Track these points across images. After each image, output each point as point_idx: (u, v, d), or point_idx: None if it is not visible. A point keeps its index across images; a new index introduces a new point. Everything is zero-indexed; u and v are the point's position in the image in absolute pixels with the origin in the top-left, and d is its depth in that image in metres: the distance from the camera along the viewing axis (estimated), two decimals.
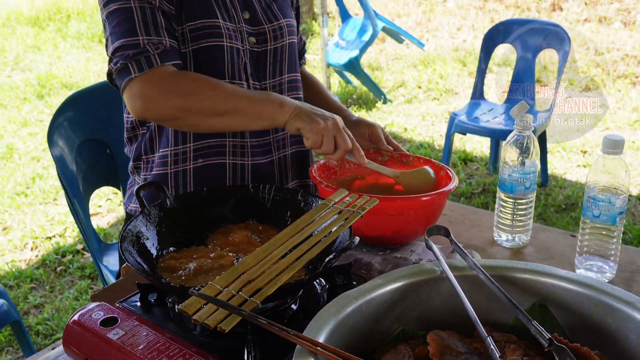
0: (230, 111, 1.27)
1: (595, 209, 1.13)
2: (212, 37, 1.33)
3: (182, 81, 1.26)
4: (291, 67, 1.49)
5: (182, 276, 0.96)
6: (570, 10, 7.05)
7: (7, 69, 6.92)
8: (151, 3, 1.27)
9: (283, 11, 1.47)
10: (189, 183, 1.38)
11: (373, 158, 1.40)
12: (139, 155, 1.45)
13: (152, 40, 1.25)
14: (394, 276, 0.85)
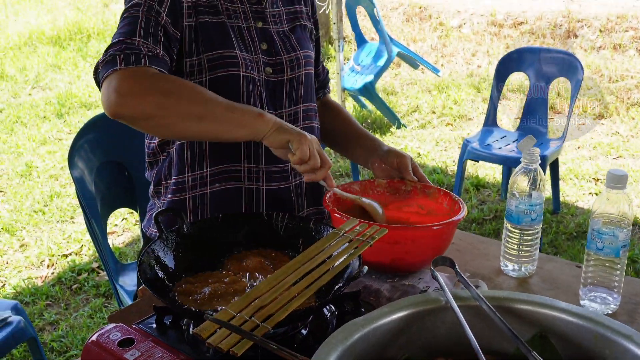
0: (207, 115, 1.26)
1: (599, 241, 1.16)
2: (229, 67, 1.37)
3: (162, 80, 1.26)
4: (306, 97, 1.53)
5: (198, 300, 1.00)
6: (585, 38, 7.08)
7: (27, 87, 7.05)
8: (158, 19, 1.31)
9: (301, 43, 1.52)
10: (206, 207, 1.42)
11: (397, 187, 1.46)
12: (159, 180, 1.50)
13: (147, 44, 1.27)
14: (400, 305, 0.88)
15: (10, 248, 3.50)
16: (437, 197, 1.43)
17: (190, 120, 1.26)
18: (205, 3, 1.39)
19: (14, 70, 7.56)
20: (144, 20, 1.29)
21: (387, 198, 1.46)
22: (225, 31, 1.39)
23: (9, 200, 4.08)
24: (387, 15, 7.97)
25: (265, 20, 1.47)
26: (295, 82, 1.49)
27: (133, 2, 1.32)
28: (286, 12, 1.54)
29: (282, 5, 1.54)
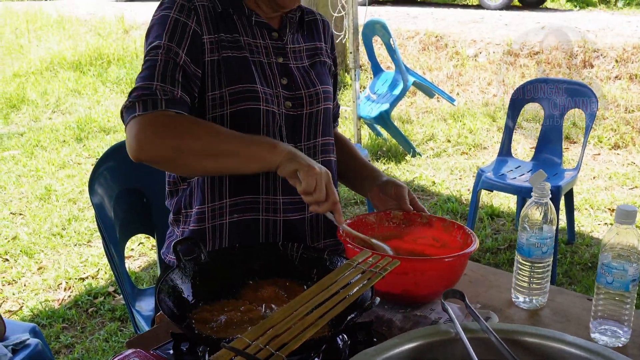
0: (223, 153, 1.31)
1: (609, 275, 1.18)
2: (250, 101, 1.42)
3: (178, 123, 1.31)
4: (325, 131, 1.57)
5: (214, 328, 1.03)
6: (601, 68, 7.09)
7: (48, 112, 7.18)
8: (176, 61, 1.36)
9: (321, 78, 1.57)
10: (225, 237, 1.46)
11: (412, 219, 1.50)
12: (178, 209, 1.54)
13: (164, 88, 1.33)
14: (411, 336, 0.91)
15: (29, 270, 3.55)
16: (451, 231, 1.45)
17: (206, 158, 1.31)
18: (229, 38, 1.44)
19: (35, 94, 7.71)
20: (163, 64, 1.35)
21: (403, 230, 1.49)
22: (247, 66, 1.44)
23: (28, 223, 4.15)
24: (404, 44, 8.04)
25: (286, 55, 1.52)
26: (314, 117, 1.54)
27: (153, 45, 1.38)
28: (306, 48, 1.59)
29: (303, 42, 1.59)
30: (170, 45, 1.37)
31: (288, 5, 1.50)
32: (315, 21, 1.66)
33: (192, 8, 1.41)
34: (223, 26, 1.45)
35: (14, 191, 4.76)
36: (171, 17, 1.39)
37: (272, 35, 1.52)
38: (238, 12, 1.48)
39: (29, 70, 8.67)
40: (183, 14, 1.40)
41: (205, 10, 1.43)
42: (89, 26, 10.98)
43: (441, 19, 9.19)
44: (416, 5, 11.91)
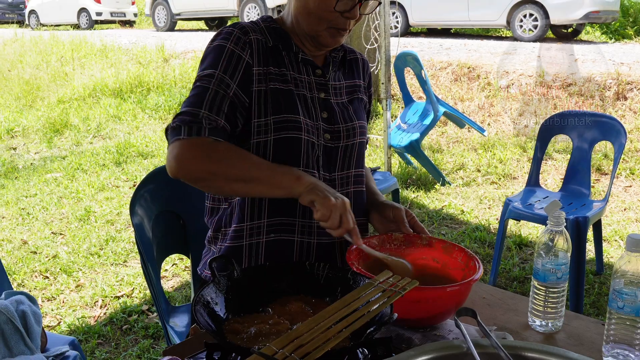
0: (252, 179, 1.45)
1: (620, 301, 1.24)
2: (292, 130, 1.52)
3: (216, 149, 1.44)
4: (358, 163, 1.68)
5: (244, 338, 1.12)
6: (635, 100, 7.08)
7: (89, 136, 7.43)
8: (226, 92, 1.48)
9: (357, 114, 1.68)
10: (260, 255, 1.56)
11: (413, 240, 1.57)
12: (219, 227, 1.64)
13: (210, 116, 1.45)
14: (425, 349, 0.98)
15: (67, 288, 3.69)
16: (451, 252, 1.52)
17: (237, 182, 1.45)
18: (277, 72, 1.56)
19: (77, 120, 7.98)
20: (212, 93, 1.47)
21: (404, 251, 1.56)
22: (292, 98, 1.55)
23: (67, 243, 4.31)
24: (436, 74, 8.14)
25: (327, 91, 1.63)
26: (349, 149, 1.64)
27: (207, 73, 1.50)
28: (346, 85, 1.70)
29: (344, 79, 1.71)
30: (223, 76, 1.49)
31: (330, 45, 1.61)
32: (356, 60, 1.78)
33: (247, 41, 1.53)
34: (272, 60, 1.56)
35: (55, 212, 4.94)
36: (227, 48, 1.51)
37: (315, 72, 1.63)
38: (287, 48, 1.60)
39: (73, 96, 8.99)
40: (238, 46, 1.52)
41: (259, 44, 1.55)
42: (130, 55, 11.32)
43: (474, 50, 9.27)
44: (450, 36, 12.03)
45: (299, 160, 1.54)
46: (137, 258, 4.08)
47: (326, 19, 1.54)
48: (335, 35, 1.58)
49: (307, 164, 1.56)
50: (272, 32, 1.61)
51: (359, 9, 1.55)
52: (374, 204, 1.72)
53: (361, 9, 1.56)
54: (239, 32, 1.54)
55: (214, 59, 1.51)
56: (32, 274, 3.84)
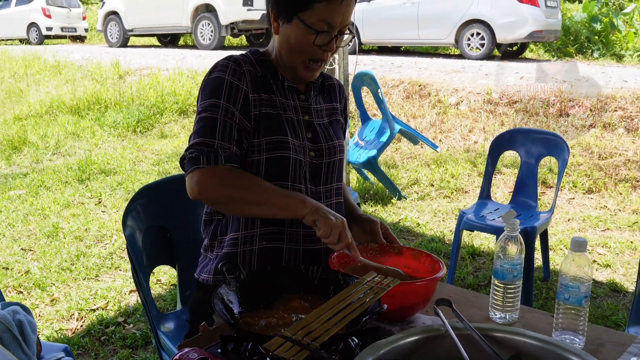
0: (265, 202, 1.65)
1: (566, 293, 1.48)
2: (282, 150, 1.73)
3: (234, 177, 1.66)
4: (339, 178, 1.90)
5: (256, 329, 1.32)
6: (577, 116, 7.51)
7: (48, 153, 7.45)
8: (233, 120, 1.69)
9: (337, 133, 1.91)
10: (254, 261, 1.76)
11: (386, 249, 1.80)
12: (214, 236, 1.84)
13: (223, 145, 1.66)
14: (412, 332, 1.20)
15: (42, 302, 3.78)
16: (420, 258, 1.76)
17: (251, 205, 1.67)
18: (267, 98, 1.77)
19: (35, 137, 7.97)
20: (222, 123, 1.67)
21: (379, 259, 1.77)
22: (281, 121, 1.76)
23: (38, 259, 4.39)
24: (389, 92, 8.45)
25: (310, 114, 1.85)
26: (331, 165, 1.86)
27: (212, 103, 1.69)
28: (326, 108, 1.93)
29: (324, 102, 1.93)
30: (228, 106, 1.69)
31: (307, 78, 1.83)
32: (333, 85, 2.00)
33: (242, 72, 1.74)
34: (262, 88, 1.77)
35: (22, 229, 5.00)
36: (226, 80, 1.71)
37: (300, 97, 1.85)
38: (274, 77, 1.80)
39: (29, 113, 8.97)
40: (235, 77, 1.72)
41: (250, 74, 1.76)
42: (84, 71, 11.33)
43: (424, 68, 9.65)
44: (400, 54, 12.42)
45: (287, 176, 1.76)
46: (109, 272, 4.20)
47: (305, 52, 1.74)
48: (312, 68, 1.79)
49: (295, 179, 1.77)
50: (260, 63, 1.81)
51: (335, 42, 1.75)
52: (353, 216, 1.95)
53: (337, 42, 1.76)
54: (234, 65, 1.74)
55: (214, 90, 1.71)
56: (6, 289, 3.92)
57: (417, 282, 1.60)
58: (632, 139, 6.74)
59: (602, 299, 3.78)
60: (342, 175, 1.95)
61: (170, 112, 8.83)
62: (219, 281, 1.78)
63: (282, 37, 1.77)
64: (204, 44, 13.94)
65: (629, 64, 11.20)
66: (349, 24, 1.76)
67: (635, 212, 5.32)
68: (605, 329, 1.63)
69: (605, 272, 4.19)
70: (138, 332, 3.38)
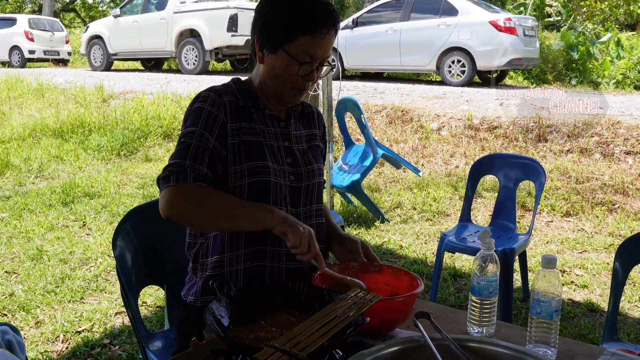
0: (233, 216, 1.72)
1: (538, 307, 1.57)
2: (263, 174, 1.82)
3: (201, 193, 1.72)
4: (318, 199, 1.99)
5: (246, 342, 1.38)
6: (554, 142, 7.69)
7: (32, 177, 7.45)
8: (207, 145, 1.77)
9: (316, 158, 2.00)
10: (240, 280, 1.83)
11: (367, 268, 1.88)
12: (197, 258, 1.91)
13: (194, 166, 1.74)
14: (393, 342, 1.28)
15: (27, 325, 3.80)
16: (399, 275, 1.84)
17: (219, 219, 1.74)
18: (247, 126, 1.86)
19: (18, 160, 7.98)
20: (195, 147, 1.76)
21: (360, 277, 1.85)
22: (262, 148, 1.85)
23: (22, 281, 4.40)
24: (372, 117, 8.59)
25: (290, 140, 1.95)
26: (310, 188, 1.95)
27: (190, 130, 1.79)
28: (305, 134, 2.03)
29: (303, 129, 2.03)
30: (203, 132, 1.78)
31: (292, 102, 1.94)
32: (312, 113, 2.10)
33: (221, 103, 1.83)
34: (243, 116, 1.87)
35: (6, 251, 5.01)
36: (206, 110, 1.81)
37: (280, 124, 1.94)
38: (255, 106, 1.90)
39: (12, 136, 8.97)
40: (215, 107, 1.82)
41: (231, 104, 1.85)
42: (68, 95, 11.36)
43: (407, 94, 9.82)
44: (383, 80, 12.62)
45: (269, 199, 1.84)
46: (94, 295, 4.22)
47: (289, 81, 1.85)
48: (297, 95, 1.90)
49: (275, 202, 1.85)
50: (242, 93, 1.91)
51: (316, 73, 1.86)
52: (334, 236, 2.04)
53: (318, 73, 1.87)
54: (214, 96, 1.84)
55: (194, 118, 1.81)
56: None
57: (396, 298, 1.68)
58: (607, 164, 6.91)
59: (579, 319, 3.87)
60: (322, 197, 2.03)
61: (155, 136, 8.88)
62: (205, 302, 1.85)
63: (267, 67, 1.87)
64: (189, 69, 14.06)
65: (605, 91, 11.47)
66: (329, 56, 1.87)
67: (612, 234, 5.45)
68: (576, 342, 1.72)
69: (583, 292, 4.29)
70: (124, 354, 3.41)
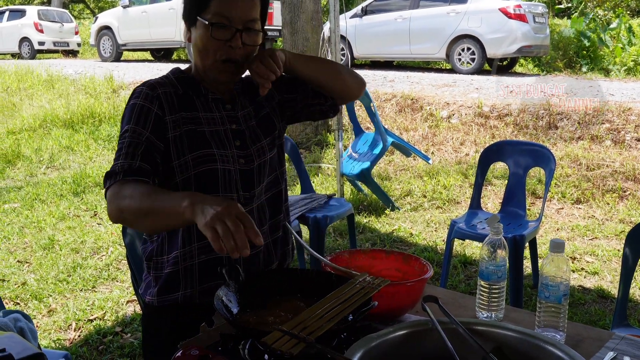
0: (150, 211, 1.51)
1: (546, 291, 1.57)
2: (209, 163, 1.75)
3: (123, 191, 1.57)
4: (270, 173, 1.90)
5: (254, 326, 1.39)
6: (565, 129, 7.64)
7: (43, 167, 7.50)
8: (140, 139, 1.68)
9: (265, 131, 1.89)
10: (195, 275, 1.78)
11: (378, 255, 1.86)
12: (150, 256, 1.85)
13: (124, 164, 1.64)
14: (401, 326, 1.28)
15: (39, 313, 3.84)
16: (409, 262, 1.83)
17: (141, 217, 1.56)
18: (189, 115, 1.78)
19: (29, 150, 8.03)
20: (127, 144, 1.68)
21: (371, 262, 1.84)
22: (204, 136, 1.77)
23: (35, 271, 4.45)
24: (381, 105, 8.56)
25: (238, 122, 1.85)
26: (262, 167, 1.86)
27: (124, 129, 1.72)
28: (253, 108, 1.91)
29: (249, 104, 1.91)
30: (136, 128, 1.70)
31: (226, 79, 1.81)
32: (249, 81, 1.93)
33: (155, 96, 1.75)
34: (184, 106, 1.78)
35: (18, 241, 5.06)
36: (138, 104, 1.74)
37: (226, 107, 1.85)
38: (196, 93, 1.82)
39: (23, 127, 9.02)
40: (147, 101, 1.74)
41: (168, 96, 1.77)
42: (77, 85, 11.41)
43: (416, 82, 9.78)
44: (392, 69, 12.57)
45: (217, 187, 1.76)
46: (105, 284, 4.26)
47: (212, 51, 1.74)
48: (225, 70, 1.77)
49: (226, 189, 1.77)
50: (181, 81, 1.83)
51: (242, 39, 1.73)
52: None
53: (244, 40, 1.74)
54: (147, 89, 1.76)
55: (128, 116, 1.74)
56: (3, 301, 3.96)
57: (405, 283, 1.68)
58: (618, 151, 6.87)
59: (589, 305, 3.86)
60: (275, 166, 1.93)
61: None
62: (163, 302, 1.82)
63: (193, 44, 1.79)
64: None
65: (615, 78, 11.37)
66: (254, 19, 1.76)
67: (622, 221, 5.42)
68: (585, 326, 1.71)
69: (593, 279, 4.28)
70: (136, 342, 3.44)
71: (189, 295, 1.81)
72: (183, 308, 1.82)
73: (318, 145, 7.86)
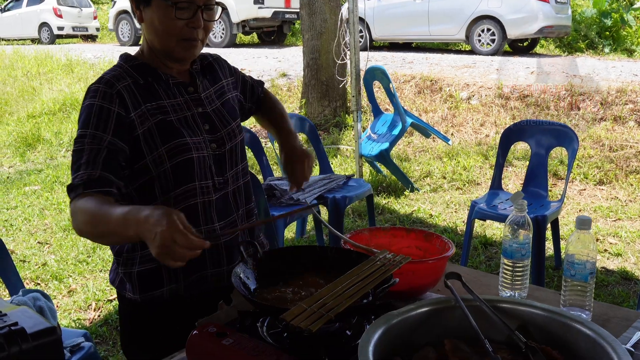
0: (104, 235, 1.48)
1: (572, 270, 1.52)
2: (184, 153, 1.65)
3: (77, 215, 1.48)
4: (242, 158, 1.85)
5: (273, 303, 1.37)
6: (587, 110, 7.52)
7: (62, 150, 7.54)
8: (100, 145, 1.54)
9: (231, 113, 1.83)
10: (178, 269, 1.67)
11: (398, 233, 1.83)
12: (119, 252, 1.74)
13: (82, 175, 1.50)
14: (423, 303, 1.25)
15: (60, 293, 3.86)
16: (431, 240, 1.80)
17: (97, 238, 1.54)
18: (154, 106, 1.65)
19: (49, 134, 8.07)
20: (87, 153, 1.53)
21: (392, 240, 1.82)
22: (174, 125, 1.66)
23: (55, 251, 4.47)
24: (400, 87, 8.48)
25: (203, 105, 1.75)
26: (234, 150, 1.79)
27: (80, 133, 1.57)
28: (214, 90, 1.83)
29: (211, 86, 1.83)
30: (95, 133, 1.55)
31: (185, 58, 1.72)
32: (211, 64, 1.88)
33: (114, 94, 1.60)
34: (147, 97, 1.66)
35: (39, 223, 5.09)
36: (96, 105, 1.58)
37: (188, 91, 1.75)
38: (157, 80, 1.70)
39: (43, 111, 9.07)
40: (106, 100, 1.58)
41: (127, 90, 1.63)
42: (97, 70, 11.43)
43: (435, 63, 9.67)
44: (411, 50, 12.43)
45: (194, 177, 1.67)
46: None
47: (173, 33, 1.64)
48: (188, 48, 1.68)
49: (201, 178, 1.69)
50: (137, 69, 1.69)
51: (202, 17, 1.64)
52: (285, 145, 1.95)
53: (205, 16, 1.66)
54: (105, 87, 1.61)
55: (85, 118, 1.59)
56: (24, 281, 3.99)
57: (427, 260, 1.64)
58: None
59: (613, 287, 3.80)
60: (245, 152, 1.90)
61: None
62: (147, 298, 1.71)
63: (147, 24, 1.67)
64: (216, 42, 14.03)
65: (639, 58, 11.16)
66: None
67: None
68: (611, 306, 1.67)
69: (617, 260, 4.21)
70: None
71: (174, 289, 1.72)
72: (170, 303, 1.73)
73: (337, 126, 7.81)
